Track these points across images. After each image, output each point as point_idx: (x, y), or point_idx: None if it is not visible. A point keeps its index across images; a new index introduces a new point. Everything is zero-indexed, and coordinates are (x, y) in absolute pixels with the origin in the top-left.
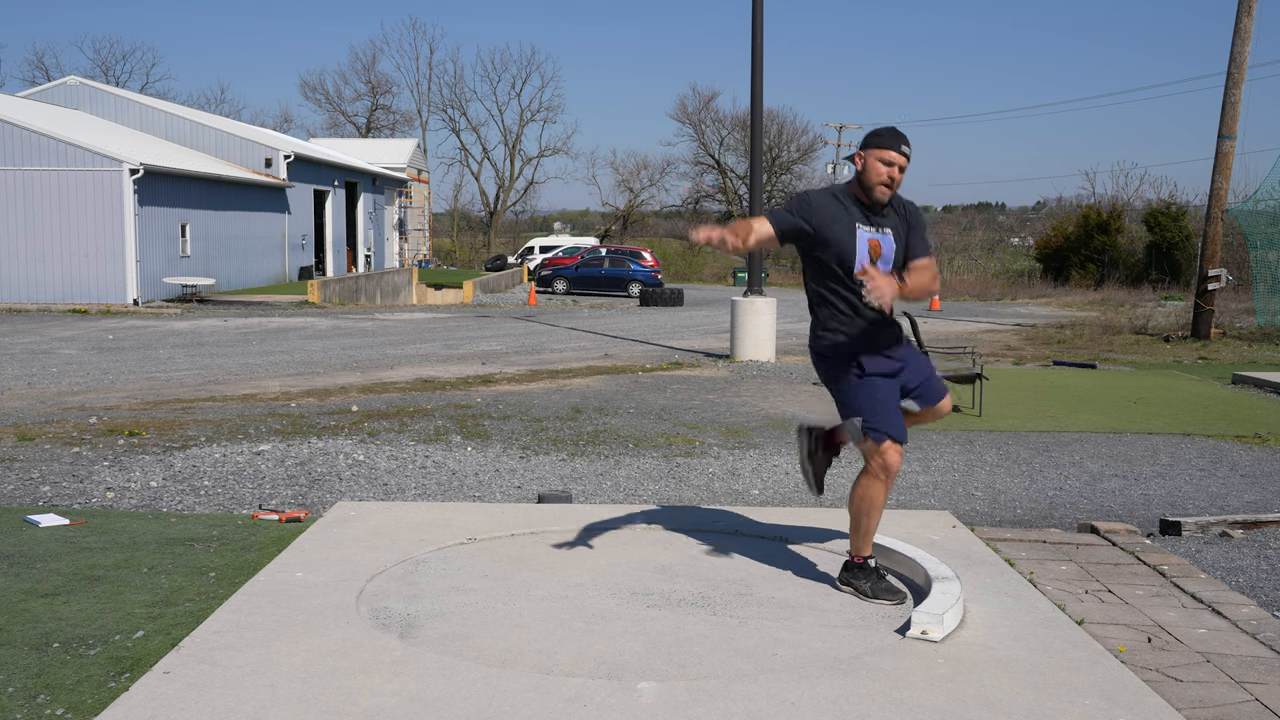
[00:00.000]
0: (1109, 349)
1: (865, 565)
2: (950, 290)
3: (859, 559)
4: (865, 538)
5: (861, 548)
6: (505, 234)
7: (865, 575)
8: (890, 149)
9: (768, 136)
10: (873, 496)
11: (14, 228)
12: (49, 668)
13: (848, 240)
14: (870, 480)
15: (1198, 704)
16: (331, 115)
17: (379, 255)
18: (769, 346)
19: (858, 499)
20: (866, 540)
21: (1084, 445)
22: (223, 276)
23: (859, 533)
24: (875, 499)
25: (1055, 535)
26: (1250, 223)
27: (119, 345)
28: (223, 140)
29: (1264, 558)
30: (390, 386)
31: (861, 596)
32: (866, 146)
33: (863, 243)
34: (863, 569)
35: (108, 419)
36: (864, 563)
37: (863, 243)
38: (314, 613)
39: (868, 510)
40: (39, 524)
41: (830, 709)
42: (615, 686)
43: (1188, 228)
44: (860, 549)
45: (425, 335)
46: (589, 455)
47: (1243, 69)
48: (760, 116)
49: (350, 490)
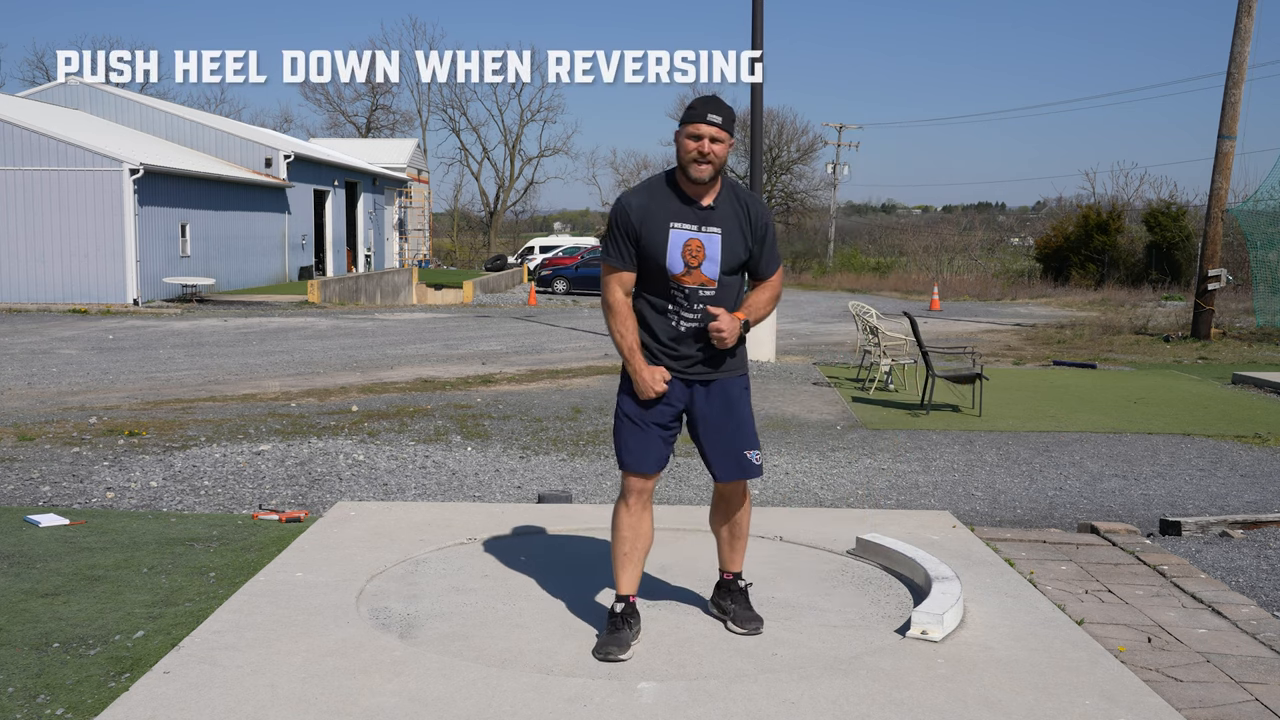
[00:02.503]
0: (1109, 349)
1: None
2: (950, 290)
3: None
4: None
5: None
6: (505, 234)
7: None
8: (697, 121)
9: (768, 136)
10: (613, 522)
11: (14, 228)
12: (49, 668)
13: (660, 239)
14: (618, 503)
15: (1198, 704)
16: (331, 115)
17: (379, 255)
18: (769, 346)
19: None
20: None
21: (1084, 445)
22: (223, 276)
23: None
24: (614, 524)
25: (1055, 535)
26: (1250, 223)
27: (119, 345)
28: (223, 140)
29: (1264, 558)
30: (390, 386)
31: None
32: (679, 124)
33: (677, 244)
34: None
35: (108, 419)
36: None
37: (677, 244)
38: (314, 613)
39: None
40: (39, 524)
41: (830, 709)
42: (615, 686)
43: (1188, 228)
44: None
45: (425, 335)
46: (589, 455)
47: (1243, 69)
48: (760, 116)
49: (350, 490)
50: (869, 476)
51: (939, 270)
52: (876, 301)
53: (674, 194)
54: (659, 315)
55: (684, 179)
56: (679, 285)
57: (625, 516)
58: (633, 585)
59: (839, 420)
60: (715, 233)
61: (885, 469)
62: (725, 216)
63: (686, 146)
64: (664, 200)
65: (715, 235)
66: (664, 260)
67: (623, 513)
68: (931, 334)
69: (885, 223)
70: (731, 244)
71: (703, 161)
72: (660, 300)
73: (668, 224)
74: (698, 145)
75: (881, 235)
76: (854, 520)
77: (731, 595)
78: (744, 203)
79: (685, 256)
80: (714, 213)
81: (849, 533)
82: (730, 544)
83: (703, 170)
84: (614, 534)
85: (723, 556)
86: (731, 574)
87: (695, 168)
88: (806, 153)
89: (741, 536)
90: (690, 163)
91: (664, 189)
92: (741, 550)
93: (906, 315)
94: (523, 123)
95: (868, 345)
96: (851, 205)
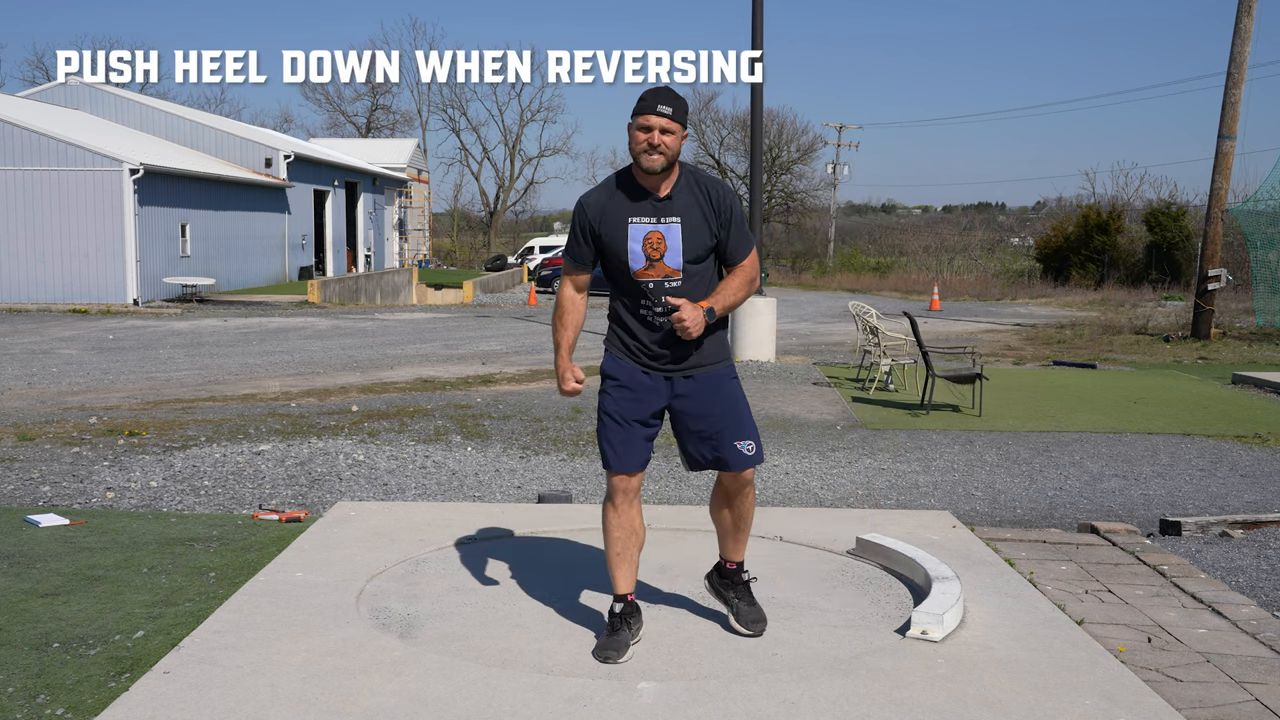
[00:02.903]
0: (1109, 349)
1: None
2: (950, 290)
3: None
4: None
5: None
6: (505, 234)
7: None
8: (647, 112)
9: (768, 136)
10: (603, 524)
11: (14, 228)
12: (49, 668)
13: (619, 234)
14: (605, 505)
15: (1198, 704)
16: (331, 115)
17: (379, 255)
18: (769, 346)
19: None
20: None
21: (1084, 445)
22: (223, 276)
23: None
24: (605, 526)
25: (1055, 535)
26: (1250, 223)
27: (119, 345)
28: (223, 140)
29: (1264, 558)
30: (390, 386)
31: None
32: (631, 117)
33: (636, 238)
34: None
35: (108, 419)
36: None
37: (636, 238)
38: (314, 613)
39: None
40: (39, 524)
41: (830, 709)
42: (615, 686)
43: (1188, 228)
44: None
45: (425, 335)
46: (589, 455)
47: (1243, 69)
48: (760, 116)
49: (350, 490)
50: (869, 476)
51: (939, 270)
52: (876, 301)
53: (630, 189)
54: (631, 314)
55: (638, 171)
56: (645, 280)
57: (614, 516)
58: (629, 584)
59: (839, 420)
60: (675, 222)
61: (885, 469)
62: (685, 205)
63: (637, 138)
64: (621, 196)
65: (675, 225)
66: (625, 256)
67: (610, 514)
68: (931, 334)
69: (885, 223)
70: (693, 232)
71: (653, 152)
72: (631, 299)
73: (626, 219)
74: (648, 137)
75: (881, 235)
76: (854, 520)
77: (735, 588)
78: (704, 188)
79: (646, 250)
80: (672, 203)
81: (849, 533)
82: (733, 533)
83: (654, 160)
84: (606, 535)
85: (725, 546)
86: (734, 563)
87: (646, 158)
88: (806, 153)
89: (743, 526)
90: (641, 154)
91: (621, 185)
92: (744, 541)
93: (906, 315)
94: (523, 123)
95: (868, 345)
96: (851, 205)
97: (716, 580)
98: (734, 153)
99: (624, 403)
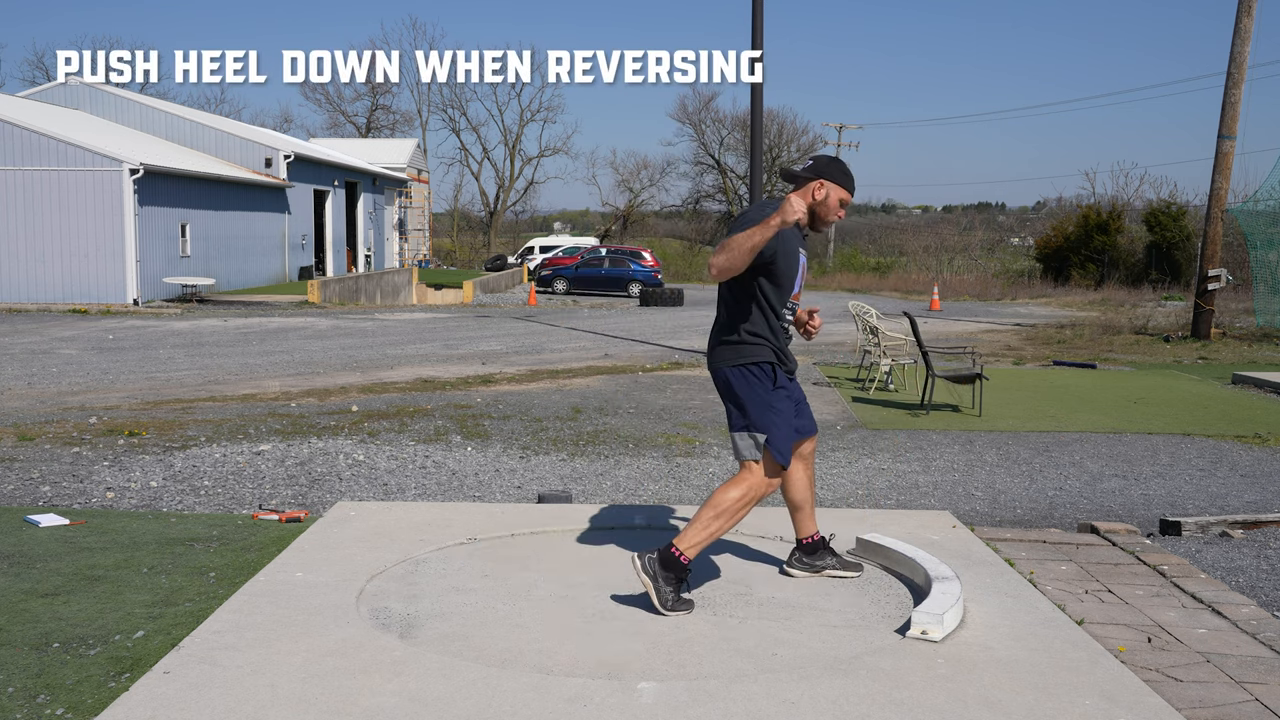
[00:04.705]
0: (1109, 349)
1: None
2: (950, 290)
3: (685, 557)
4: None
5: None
6: (505, 234)
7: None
8: (851, 193)
9: (768, 136)
10: (740, 514)
11: (14, 228)
12: (49, 668)
13: (793, 263)
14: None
15: (1198, 704)
16: (331, 115)
17: (379, 255)
18: None
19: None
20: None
21: (1084, 445)
22: (223, 276)
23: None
24: (740, 515)
25: (1055, 535)
26: (1250, 223)
27: (119, 345)
28: (223, 140)
29: (1264, 558)
30: (390, 386)
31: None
32: (833, 179)
33: (803, 269)
34: (685, 567)
35: (108, 419)
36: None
37: (803, 269)
38: (314, 613)
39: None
40: (39, 524)
41: (830, 709)
42: (615, 686)
43: (1188, 228)
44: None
45: (425, 335)
46: (589, 455)
47: (1243, 69)
48: (760, 116)
49: (350, 490)
50: (869, 476)
51: (939, 270)
52: (876, 301)
53: (796, 224)
54: (776, 327)
55: (803, 218)
56: (795, 302)
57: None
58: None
59: (839, 420)
60: (804, 253)
61: (885, 469)
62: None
63: (835, 209)
64: (792, 228)
65: (804, 255)
66: (794, 280)
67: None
68: (931, 334)
69: (885, 223)
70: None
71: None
72: (777, 314)
73: (798, 250)
74: (841, 213)
75: (881, 235)
76: (854, 520)
77: (831, 553)
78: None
79: (802, 277)
80: (806, 239)
81: (849, 533)
82: (812, 500)
83: (829, 226)
84: (736, 522)
85: (807, 522)
86: (818, 533)
87: (825, 223)
88: (806, 153)
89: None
90: (829, 219)
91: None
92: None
93: (906, 315)
94: (523, 123)
95: (868, 345)
96: (851, 205)
97: (806, 558)
98: (734, 153)
99: (791, 411)
